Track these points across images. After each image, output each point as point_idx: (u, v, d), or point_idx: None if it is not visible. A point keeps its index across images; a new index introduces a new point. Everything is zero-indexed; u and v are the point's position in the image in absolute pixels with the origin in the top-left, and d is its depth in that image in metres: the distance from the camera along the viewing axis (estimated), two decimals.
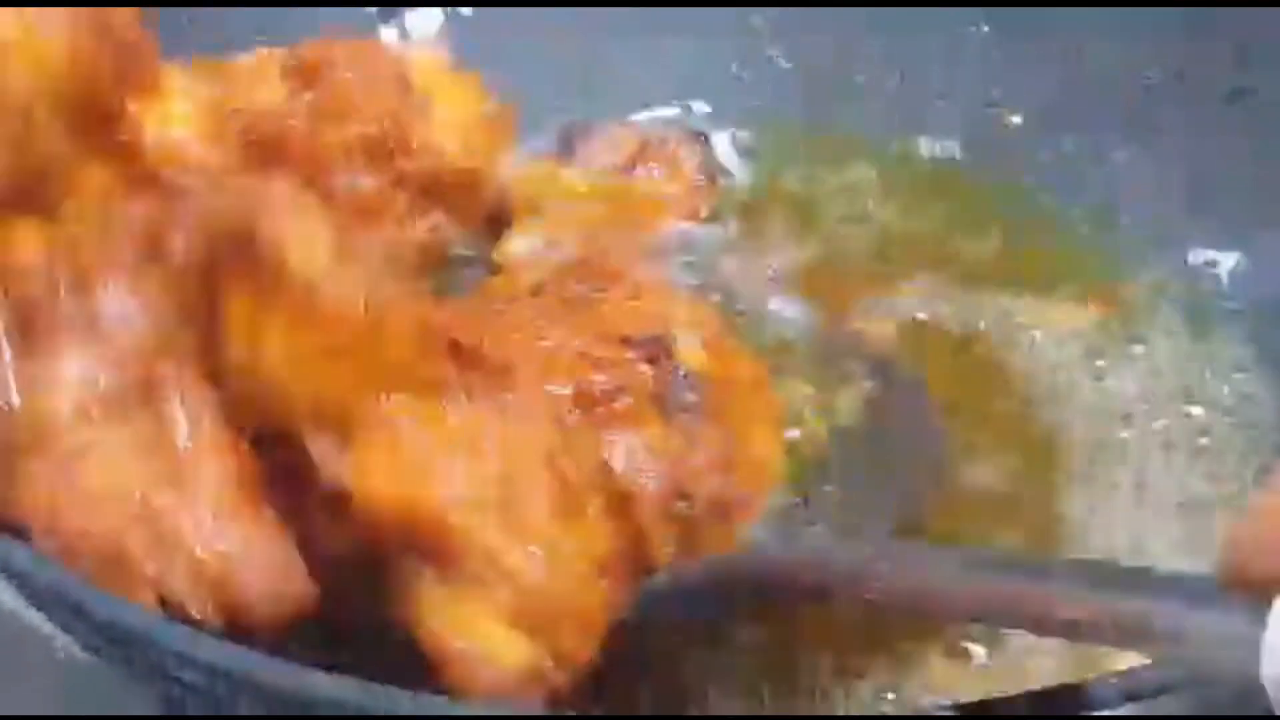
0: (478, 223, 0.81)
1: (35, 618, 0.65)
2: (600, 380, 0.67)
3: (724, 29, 1.02)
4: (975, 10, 0.99)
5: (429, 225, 0.78)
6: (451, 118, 0.80)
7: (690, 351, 0.73)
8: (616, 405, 0.67)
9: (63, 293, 0.62)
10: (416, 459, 0.59)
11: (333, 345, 0.60)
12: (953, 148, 0.98)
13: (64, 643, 0.69)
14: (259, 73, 0.78)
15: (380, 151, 0.76)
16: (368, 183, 0.76)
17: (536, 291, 0.73)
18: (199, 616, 0.58)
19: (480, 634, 0.58)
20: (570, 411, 0.65)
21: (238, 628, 0.58)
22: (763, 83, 1.02)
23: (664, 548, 0.66)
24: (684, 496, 0.68)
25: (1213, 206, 0.90)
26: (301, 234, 0.60)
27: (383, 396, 0.60)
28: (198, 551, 0.58)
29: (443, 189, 0.79)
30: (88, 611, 0.56)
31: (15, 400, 0.60)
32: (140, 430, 0.60)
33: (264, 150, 0.74)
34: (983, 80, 0.98)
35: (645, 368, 0.69)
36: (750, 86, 1.02)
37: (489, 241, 0.82)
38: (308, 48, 0.77)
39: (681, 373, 0.71)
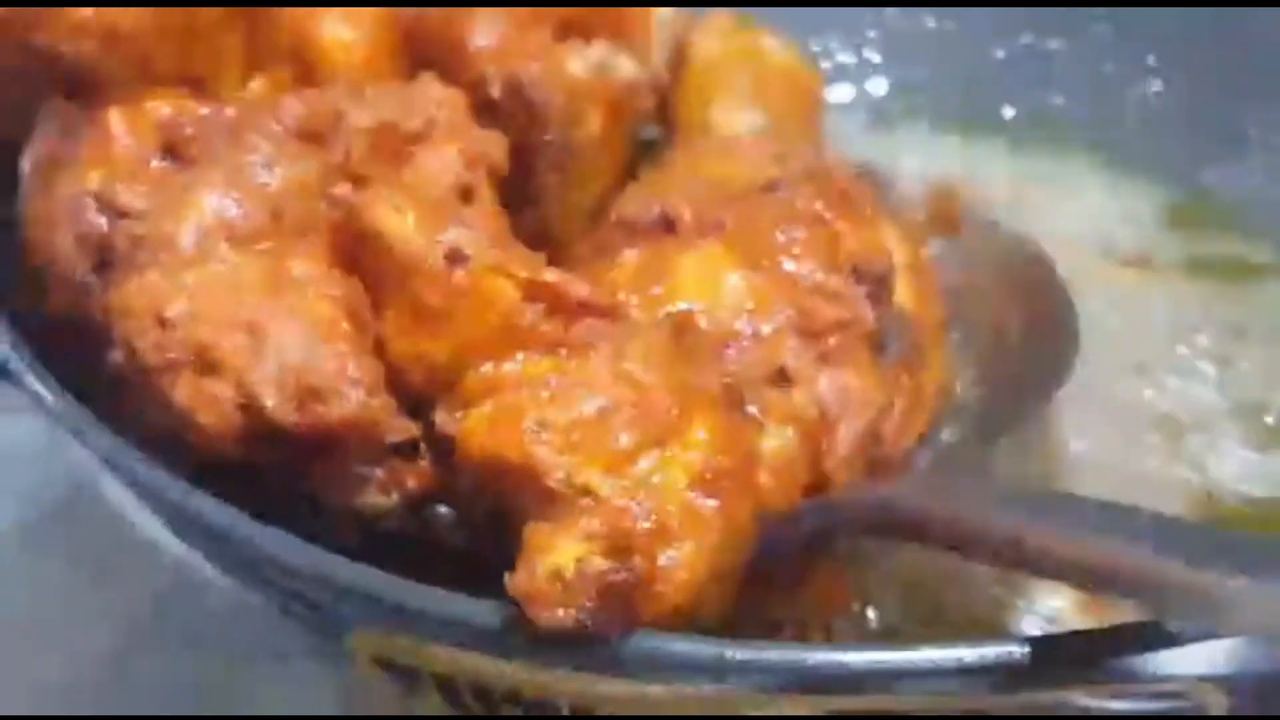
0: (649, 58, 0.77)
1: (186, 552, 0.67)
2: (827, 312, 0.65)
3: None
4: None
5: (597, 56, 0.73)
6: None
7: (904, 293, 0.71)
8: (835, 341, 0.65)
9: (215, 135, 0.65)
10: (512, 415, 0.57)
11: (431, 314, 0.60)
12: None
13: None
14: None
15: None
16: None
17: (772, 188, 0.69)
18: (281, 421, 0.59)
19: (557, 550, 0.55)
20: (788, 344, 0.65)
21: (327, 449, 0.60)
22: None
23: (842, 482, 0.64)
24: (877, 442, 0.65)
25: None
26: (395, 209, 0.61)
27: (487, 360, 0.59)
28: (290, 359, 0.59)
29: (599, 22, 0.75)
30: (191, 514, 0.58)
31: (141, 207, 0.63)
32: (258, 264, 0.62)
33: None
34: None
35: (868, 306, 0.66)
36: None
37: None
38: None
39: (895, 315, 0.69)
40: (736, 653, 0.53)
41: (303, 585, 0.57)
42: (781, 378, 0.63)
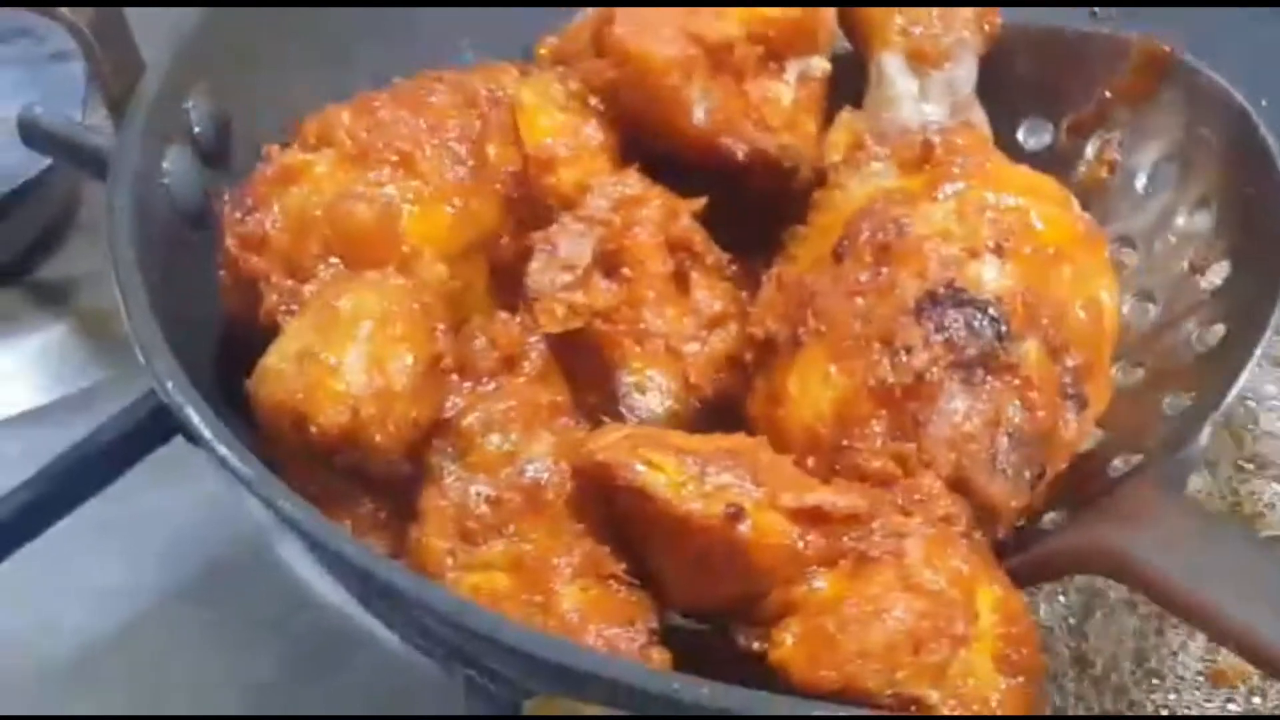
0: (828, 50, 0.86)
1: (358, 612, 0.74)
2: (894, 378, 0.71)
3: None
4: None
5: (798, 71, 0.83)
6: None
7: (991, 277, 0.74)
8: (921, 394, 0.71)
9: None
10: (826, 643, 0.65)
11: (717, 563, 0.66)
12: None
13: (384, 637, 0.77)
14: (580, 42, 0.85)
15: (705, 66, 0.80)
16: (716, 98, 0.80)
17: (839, 256, 0.75)
18: None
19: None
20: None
21: None
22: None
23: (1012, 503, 0.72)
24: (1024, 444, 0.72)
25: None
26: (650, 464, 0.67)
27: (774, 584, 0.67)
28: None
29: (784, 42, 0.83)
30: (400, 596, 0.63)
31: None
32: (511, 574, 0.69)
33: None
34: None
35: (936, 341, 0.72)
36: None
37: None
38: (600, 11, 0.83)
39: (978, 319, 0.72)
40: None
41: (482, 649, 0.63)
42: (901, 461, 0.71)
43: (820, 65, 0.84)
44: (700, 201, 0.79)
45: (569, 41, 0.86)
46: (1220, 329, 0.78)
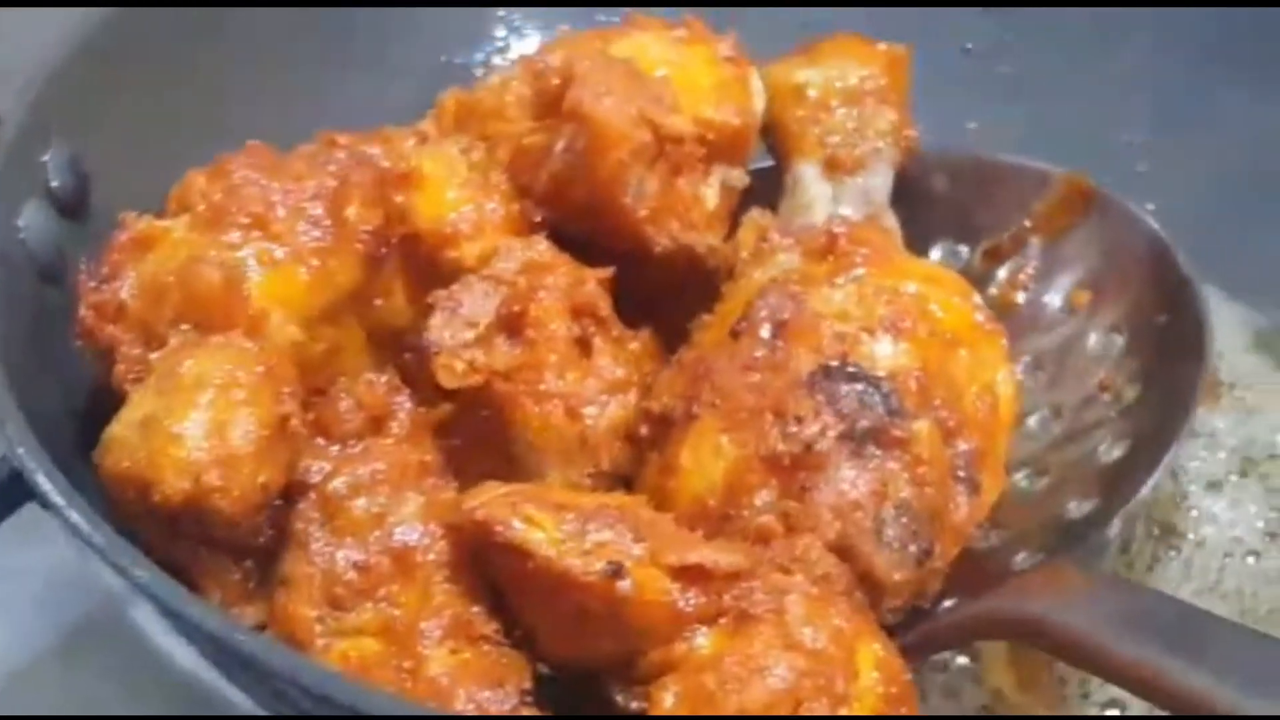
0: (747, 164, 0.87)
1: (215, 679, 0.70)
2: (784, 448, 0.71)
3: None
4: None
5: (720, 179, 0.83)
6: (696, 85, 0.83)
7: (886, 355, 0.74)
8: (810, 464, 0.70)
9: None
10: (707, 702, 0.64)
11: (594, 618, 0.65)
12: None
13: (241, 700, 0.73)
14: (498, 101, 0.84)
15: (650, 154, 0.79)
16: (652, 185, 0.79)
17: (736, 335, 0.75)
18: None
19: None
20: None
21: None
22: None
23: (895, 575, 0.71)
24: (911, 518, 0.72)
25: None
26: (527, 521, 0.66)
27: (653, 642, 0.66)
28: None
29: (718, 149, 0.83)
30: (259, 665, 0.61)
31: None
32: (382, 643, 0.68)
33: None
34: None
35: (827, 413, 0.71)
36: None
37: None
38: (547, 72, 0.81)
39: (870, 393, 0.72)
40: None
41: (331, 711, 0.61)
42: (786, 522, 0.70)
43: (740, 177, 0.85)
44: (608, 270, 0.78)
45: (480, 99, 0.85)
46: (1126, 444, 0.79)
